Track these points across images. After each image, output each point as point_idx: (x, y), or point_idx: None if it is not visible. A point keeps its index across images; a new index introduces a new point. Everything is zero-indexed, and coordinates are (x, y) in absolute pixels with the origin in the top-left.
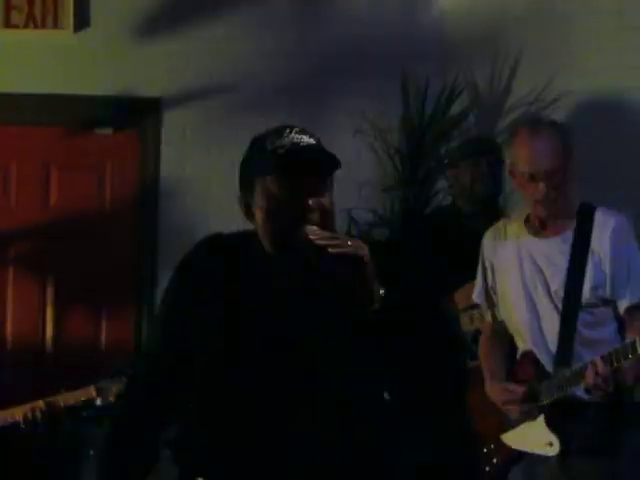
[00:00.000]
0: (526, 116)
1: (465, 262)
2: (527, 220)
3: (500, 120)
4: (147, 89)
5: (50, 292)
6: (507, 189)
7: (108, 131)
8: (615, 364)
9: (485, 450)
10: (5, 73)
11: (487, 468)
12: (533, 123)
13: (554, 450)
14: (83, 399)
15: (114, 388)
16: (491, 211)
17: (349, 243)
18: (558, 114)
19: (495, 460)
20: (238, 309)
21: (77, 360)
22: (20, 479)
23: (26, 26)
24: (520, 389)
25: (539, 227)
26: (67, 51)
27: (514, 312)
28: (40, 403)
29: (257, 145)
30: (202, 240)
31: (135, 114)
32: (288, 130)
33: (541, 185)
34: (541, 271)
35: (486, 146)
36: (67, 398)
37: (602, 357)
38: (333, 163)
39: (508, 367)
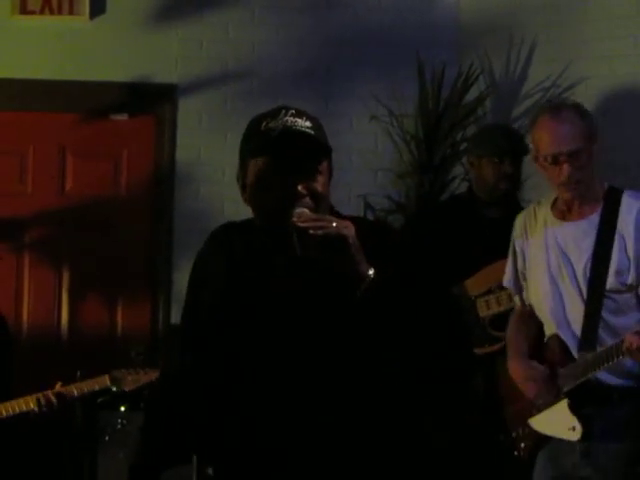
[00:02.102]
0: (547, 102)
1: (480, 249)
2: (554, 204)
3: (516, 106)
4: (163, 75)
5: (66, 278)
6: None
7: (124, 117)
8: None
9: (514, 435)
10: (21, 59)
11: (515, 452)
12: (554, 106)
13: (577, 435)
14: (97, 388)
15: (129, 377)
16: (510, 202)
17: (334, 224)
18: (574, 100)
19: (523, 444)
20: (237, 296)
21: (92, 346)
22: (36, 466)
23: (42, 12)
24: (541, 367)
25: (565, 211)
26: (83, 37)
27: (541, 299)
28: (53, 392)
29: (253, 125)
30: (213, 231)
31: (151, 100)
32: (284, 112)
33: (565, 167)
34: (567, 255)
35: (510, 145)
36: (81, 387)
37: None
38: (324, 150)
39: (534, 350)
